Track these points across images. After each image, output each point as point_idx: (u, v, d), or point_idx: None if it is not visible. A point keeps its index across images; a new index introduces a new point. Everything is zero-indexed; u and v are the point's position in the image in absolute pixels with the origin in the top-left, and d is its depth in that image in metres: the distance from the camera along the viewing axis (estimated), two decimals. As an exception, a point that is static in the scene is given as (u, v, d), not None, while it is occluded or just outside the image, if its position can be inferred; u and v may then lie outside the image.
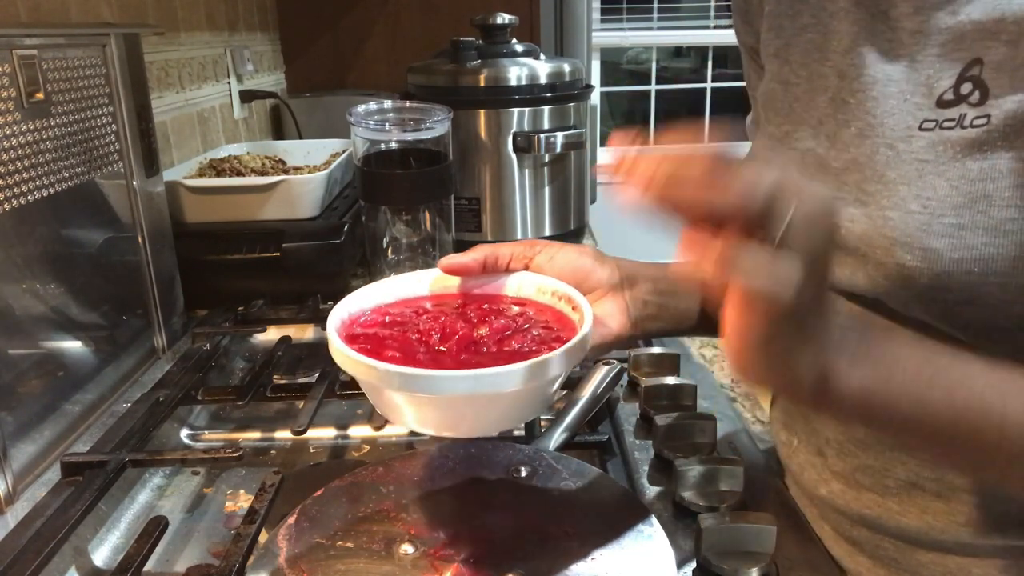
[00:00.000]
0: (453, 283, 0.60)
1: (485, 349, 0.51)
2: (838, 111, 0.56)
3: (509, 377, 0.46)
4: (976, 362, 0.43)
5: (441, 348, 0.52)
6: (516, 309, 0.57)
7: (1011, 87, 0.46)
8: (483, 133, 1.29)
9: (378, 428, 0.75)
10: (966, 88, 0.49)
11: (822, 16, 0.58)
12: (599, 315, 0.58)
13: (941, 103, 0.50)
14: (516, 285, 0.59)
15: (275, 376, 0.89)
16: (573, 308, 0.55)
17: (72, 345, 0.82)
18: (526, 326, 0.54)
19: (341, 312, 0.55)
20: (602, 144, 4.36)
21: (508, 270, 0.60)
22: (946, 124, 0.49)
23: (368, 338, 0.52)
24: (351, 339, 0.52)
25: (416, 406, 0.49)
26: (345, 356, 0.48)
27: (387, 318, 0.56)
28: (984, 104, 0.47)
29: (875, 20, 0.54)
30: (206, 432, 0.84)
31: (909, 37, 0.52)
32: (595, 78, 3.98)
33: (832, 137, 0.56)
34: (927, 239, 0.48)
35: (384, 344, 0.51)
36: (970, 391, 0.42)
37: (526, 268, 0.60)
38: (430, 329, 0.53)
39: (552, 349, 0.50)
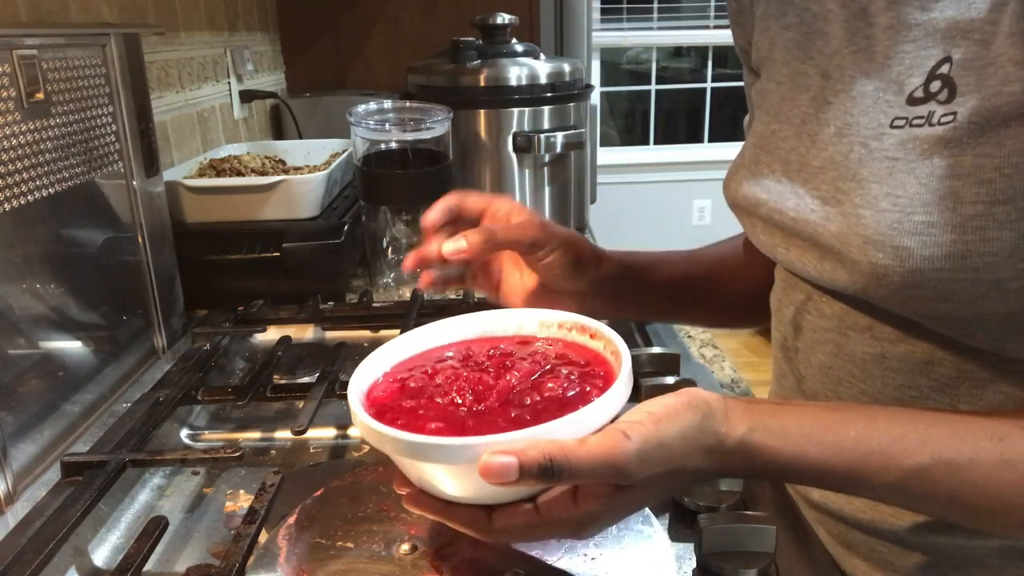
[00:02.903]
0: (447, 334, 0.56)
1: (528, 400, 0.47)
2: (820, 111, 0.56)
3: (594, 417, 0.43)
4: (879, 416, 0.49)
5: (481, 407, 0.47)
6: (526, 349, 0.54)
7: (977, 85, 0.47)
8: (483, 133, 1.29)
9: (378, 428, 0.75)
10: (935, 86, 0.49)
11: (806, 16, 0.58)
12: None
13: (911, 100, 0.50)
14: (516, 324, 0.57)
15: (275, 376, 0.88)
16: (591, 336, 0.53)
17: (72, 345, 0.82)
18: (548, 366, 0.51)
19: (357, 390, 0.50)
20: (602, 144, 4.34)
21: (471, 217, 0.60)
22: (915, 122, 0.49)
23: (396, 411, 0.47)
24: (378, 417, 0.46)
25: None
26: (414, 443, 0.43)
27: (399, 385, 0.51)
28: (951, 102, 0.48)
29: (856, 18, 0.54)
30: (206, 432, 0.84)
31: (883, 33, 0.52)
32: (595, 78, 3.98)
33: (813, 136, 0.56)
34: (898, 237, 0.48)
35: (417, 416, 0.47)
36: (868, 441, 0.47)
37: (483, 214, 0.60)
38: (460, 389, 0.48)
39: (594, 384, 0.48)
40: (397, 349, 0.55)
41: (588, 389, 0.47)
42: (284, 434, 0.82)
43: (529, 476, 0.40)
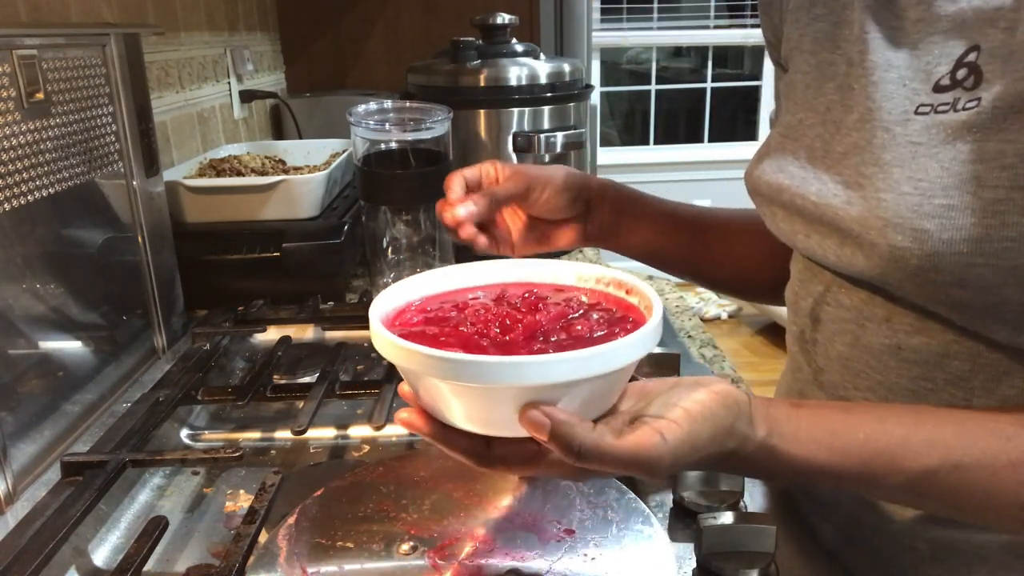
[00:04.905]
0: (482, 276, 0.56)
1: (555, 338, 0.46)
2: (844, 98, 0.57)
3: (627, 350, 0.43)
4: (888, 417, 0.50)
5: (506, 339, 0.46)
6: (560, 295, 0.53)
7: (1003, 72, 0.47)
8: (483, 133, 1.29)
9: (378, 428, 0.75)
10: (962, 73, 0.49)
11: (835, 7, 0.59)
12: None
13: (938, 88, 0.50)
14: (552, 275, 0.56)
15: (275, 376, 0.89)
16: (627, 292, 0.52)
17: (72, 345, 0.82)
18: (581, 311, 0.50)
19: (380, 310, 0.50)
20: (602, 144, 4.34)
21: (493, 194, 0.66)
22: (941, 108, 0.50)
23: (418, 337, 0.46)
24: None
25: (510, 400, 0.43)
26: (432, 357, 0.42)
27: (424, 315, 0.51)
28: (977, 88, 0.48)
29: (882, 7, 0.55)
30: (206, 432, 0.84)
31: (912, 25, 0.53)
32: (595, 78, 3.99)
33: (838, 123, 0.57)
34: (918, 220, 0.49)
35: (438, 342, 0.45)
36: (876, 443, 0.48)
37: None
38: (486, 320, 0.48)
39: (624, 328, 0.47)
40: (428, 282, 0.54)
41: (616, 331, 0.47)
42: (284, 434, 0.82)
43: (555, 444, 0.42)
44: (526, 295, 0.53)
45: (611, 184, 0.76)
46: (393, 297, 0.52)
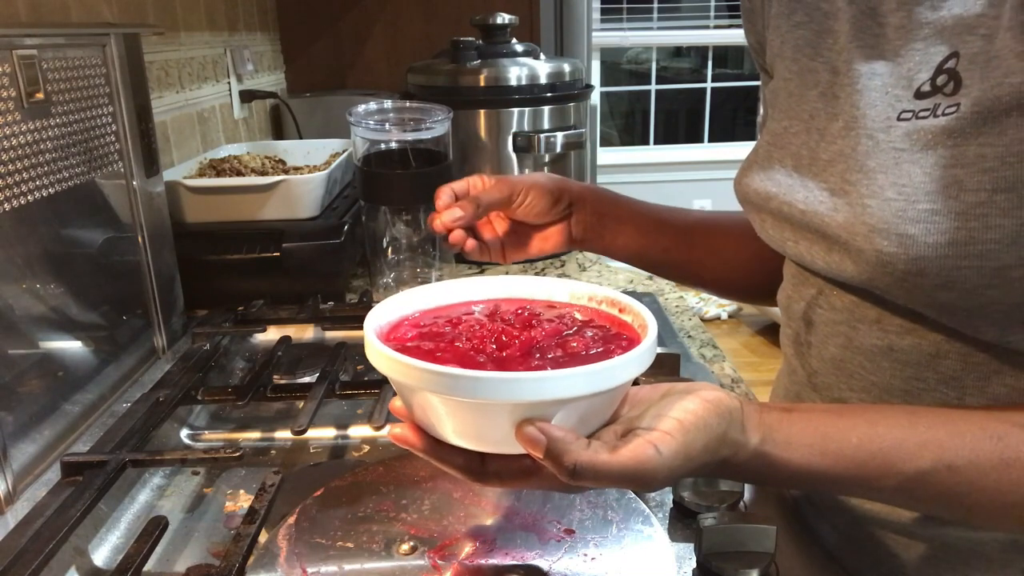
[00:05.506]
0: (476, 291, 0.56)
1: (551, 355, 0.46)
2: (828, 105, 0.57)
3: (624, 369, 0.43)
4: (880, 420, 0.50)
5: (502, 355, 0.46)
6: (553, 311, 0.53)
7: (981, 78, 0.48)
8: (483, 133, 1.29)
9: (378, 428, 0.75)
10: (942, 80, 0.50)
11: (816, 15, 0.59)
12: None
13: (919, 94, 0.51)
14: (545, 291, 0.56)
15: (275, 376, 0.89)
16: (620, 310, 0.52)
17: (72, 345, 0.82)
18: (575, 328, 0.50)
19: (374, 324, 0.49)
20: (602, 144, 4.34)
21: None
22: (922, 114, 0.50)
23: (413, 351, 0.46)
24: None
25: (506, 416, 0.43)
26: (427, 372, 0.42)
27: (418, 330, 0.50)
28: (956, 94, 0.49)
29: (865, 16, 0.55)
30: (206, 432, 0.84)
31: (894, 32, 0.53)
32: (595, 78, 3.99)
33: (822, 131, 0.57)
34: (902, 225, 0.49)
35: (434, 357, 0.45)
36: (870, 446, 0.49)
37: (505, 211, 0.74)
38: (481, 336, 0.48)
39: (619, 345, 0.47)
40: (422, 297, 0.54)
41: (612, 348, 0.47)
42: (284, 434, 0.82)
43: (550, 462, 0.42)
44: (519, 311, 0.53)
45: (592, 187, 0.79)
46: (387, 312, 0.52)
